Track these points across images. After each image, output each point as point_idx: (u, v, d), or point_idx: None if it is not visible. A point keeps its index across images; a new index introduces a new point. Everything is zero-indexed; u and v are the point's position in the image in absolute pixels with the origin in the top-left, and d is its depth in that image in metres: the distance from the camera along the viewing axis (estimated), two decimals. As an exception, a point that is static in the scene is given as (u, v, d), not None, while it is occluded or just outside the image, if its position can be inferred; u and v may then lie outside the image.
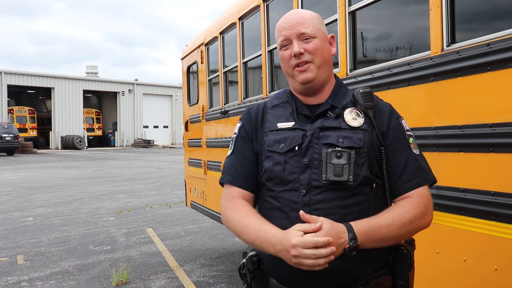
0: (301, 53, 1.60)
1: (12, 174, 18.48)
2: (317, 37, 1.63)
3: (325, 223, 1.41)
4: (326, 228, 1.40)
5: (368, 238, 1.46)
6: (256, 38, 4.82)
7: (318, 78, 1.63)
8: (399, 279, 1.57)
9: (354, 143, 1.55)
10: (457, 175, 2.45)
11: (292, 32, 1.62)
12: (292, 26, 1.62)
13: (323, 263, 1.37)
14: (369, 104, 1.62)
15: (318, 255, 1.36)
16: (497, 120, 2.22)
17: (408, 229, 1.53)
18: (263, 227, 1.52)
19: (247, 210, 1.62)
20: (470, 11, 2.71)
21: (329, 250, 1.37)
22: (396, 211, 1.53)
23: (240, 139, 1.75)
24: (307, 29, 1.62)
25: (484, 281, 2.33)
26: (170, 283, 5.13)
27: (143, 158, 27.81)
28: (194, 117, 7.03)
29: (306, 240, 1.37)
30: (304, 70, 1.61)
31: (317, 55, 1.62)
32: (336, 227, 1.42)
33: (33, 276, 5.45)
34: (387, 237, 1.50)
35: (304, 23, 1.62)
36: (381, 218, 1.50)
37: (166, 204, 10.54)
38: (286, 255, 1.41)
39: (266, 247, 1.49)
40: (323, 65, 1.64)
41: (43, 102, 47.46)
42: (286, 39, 1.64)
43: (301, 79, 1.62)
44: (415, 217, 1.53)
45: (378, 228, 1.47)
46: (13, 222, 8.72)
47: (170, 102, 48.97)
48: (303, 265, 1.39)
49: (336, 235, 1.41)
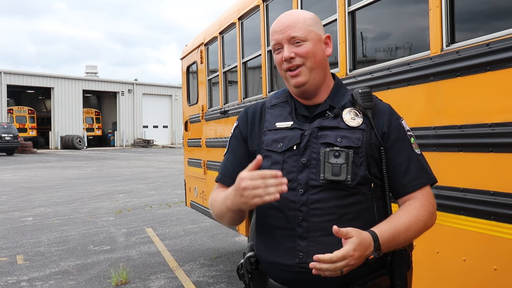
0: (292, 58, 1.59)
1: (12, 174, 18.47)
2: (309, 39, 1.60)
3: (355, 240, 1.38)
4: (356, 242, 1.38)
5: (390, 246, 1.48)
6: (256, 38, 4.82)
7: (311, 81, 1.62)
8: (397, 280, 1.57)
9: (352, 142, 1.56)
10: (457, 175, 2.45)
11: (283, 37, 1.61)
12: (283, 30, 1.61)
13: (274, 191, 1.37)
14: (368, 104, 1.62)
15: (267, 183, 1.37)
16: (496, 120, 2.22)
17: (422, 231, 1.56)
18: (227, 191, 1.53)
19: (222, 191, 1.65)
20: (470, 11, 2.70)
21: (278, 181, 1.38)
22: (411, 214, 1.53)
23: (234, 139, 1.77)
24: (297, 33, 1.60)
25: (484, 281, 2.33)
26: (170, 283, 5.13)
27: (143, 158, 27.80)
28: (193, 117, 7.03)
29: (253, 172, 1.39)
30: (295, 74, 1.61)
31: (309, 58, 1.60)
32: (364, 241, 1.40)
33: (32, 276, 5.44)
34: (404, 241, 1.52)
35: (294, 26, 1.60)
36: (399, 223, 1.50)
37: (166, 204, 10.54)
38: (239, 193, 1.41)
39: (224, 203, 1.52)
40: (316, 68, 1.62)
41: (42, 102, 47.44)
42: (277, 43, 1.63)
43: (293, 83, 1.62)
44: (428, 218, 1.55)
45: (398, 235, 1.48)
46: (13, 222, 8.71)
47: (169, 102, 48.96)
48: (253, 197, 1.38)
49: (364, 248, 1.40)
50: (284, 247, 1.55)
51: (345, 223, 1.49)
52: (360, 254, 1.39)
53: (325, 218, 1.52)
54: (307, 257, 1.49)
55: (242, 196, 1.40)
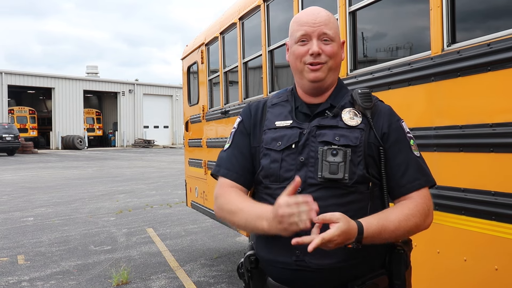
0: (319, 54, 1.60)
1: (13, 174, 18.48)
2: (335, 41, 1.63)
3: (342, 226, 1.40)
4: (342, 229, 1.39)
5: (373, 240, 1.48)
6: (257, 38, 4.82)
7: (326, 80, 1.64)
8: (395, 279, 1.58)
9: (350, 141, 1.56)
10: (458, 175, 2.45)
11: (315, 30, 1.61)
12: (316, 24, 1.61)
13: (305, 218, 1.38)
14: (367, 105, 1.62)
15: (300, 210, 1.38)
16: (497, 120, 2.22)
17: (411, 232, 1.57)
18: (256, 205, 1.55)
19: (240, 195, 1.64)
20: (471, 11, 2.70)
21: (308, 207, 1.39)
22: (402, 214, 1.53)
23: (238, 134, 1.76)
24: (330, 31, 1.62)
25: (484, 281, 2.33)
26: (171, 283, 5.13)
27: (144, 158, 27.81)
28: (194, 117, 7.03)
29: (289, 199, 1.40)
30: (317, 69, 1.61)
31: (332, 58, 1.62)
32: (350, 230, 1.42)
33: (33, 276, 5.45)
34: (389, 238, 1.52)
35: (327, 24, 1.62)
36: (388, 220, 1.50)
37: (167, 204, 10.54)
38: (277, 220, 1.42)
39: (260, 223, 1.50)
40: (334, 69, 1.65)
41: (43, 102, 47.47)
42: (306, 34, 1.62)
43: (312, 77, 1.62)
44: (420, 220, 1.55)
45: (384, 231, 1.49)
46: (14, 222, 8.72)
47: (170, 102, 48.96)
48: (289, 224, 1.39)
49: (347, 237, 1.41)
50: (281, 245, 1.55)
51: None
52: (342, 240, 1.40)
53: None
54: (304, 254, 1.50)
55: (280, 222, 1.41)
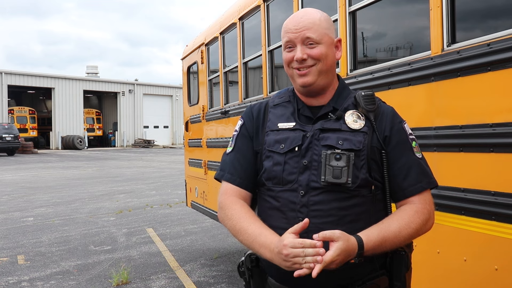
0: (304, 59, 1.59)
1: (13, 174, 18.48)
2: (323, 43, 1.60)
3: (341, 245, 1.39)
4: (341, 248, 1.39)
5: (374, 251, 1.48)
6: (257, 38, 4.82)
7: (318, 83, 1.62)
8: (396, 280, 1.58)
9: (353, 145, 1.56)
10: (458, 175, 2.45)
11: (297, 36, 1.60)
12: (298, 30, 1.60)
13: (311, 261, 1.37)
14: (371, 107, 1.61)
15: (306, 253, 1.37)
16: (497, 120, 2.22)
17: (413, 237, 1.57)
18: (262, 232, 1.53)
19: (246, 211, 1.62)
20: (471, 11, 2.70)
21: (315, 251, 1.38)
22: (403, 221, 1.53)
23: (241, 137, 1.75)
24: (313, 34, 1.59)
25: (484, 281, 2.33)
26: (171, 283, 5.13)
27: (144, 158, 27.80)
28: (194, 117, 7.03)
29: (295, 241, 1.39)
30: (304, 74, 1.60)
31: (320, 61, 1.60)
32: (350, 247, 1.41)
33: (33, 276, 5.45)
34: (391, 247, 1.53)
35: (310, 27, 1.59)
36: (389, 230, 1.50)
37: (167, 204, 10.54)
38: (280, 257, 1.42)
39: (263, 251, 1.50)
40: (325, 71, 1.62)
41: (43, 102, 47.46)
42: (290, 41, 1.62)
43: (301, 82, 1.62)
44: (420, 225, 1.56)
45: (385, 241, 1.49)
46: (14, 222, 8.72)
47: (170, 102, 48.96)
48: (293, 264, 1.39)
49: (348, 255, 1.42)
50: None
51: (345, 225, 1.51)
52: (343, 259, 1.40)
53: (325, 220, 1.52)
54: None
55: (284, 260, 1.41)
